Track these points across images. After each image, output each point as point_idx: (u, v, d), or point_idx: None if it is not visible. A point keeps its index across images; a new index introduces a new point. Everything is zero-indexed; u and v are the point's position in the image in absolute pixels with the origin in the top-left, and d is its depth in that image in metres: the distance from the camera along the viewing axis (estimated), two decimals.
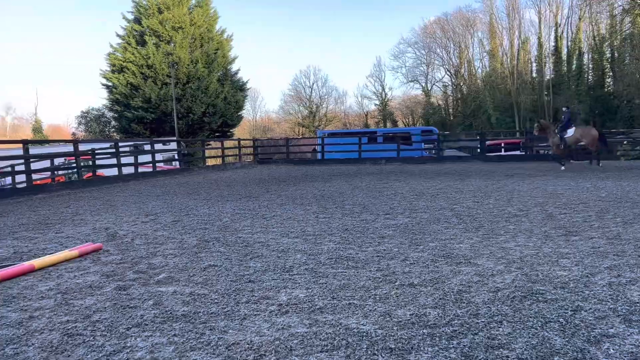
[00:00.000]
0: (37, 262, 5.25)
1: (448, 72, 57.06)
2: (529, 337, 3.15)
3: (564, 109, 19.11)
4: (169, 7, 31.85)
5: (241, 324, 3.54)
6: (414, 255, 5.37)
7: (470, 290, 4.14)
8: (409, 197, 10.53)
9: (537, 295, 3.94)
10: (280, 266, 5.11)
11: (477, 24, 54.75)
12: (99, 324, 3.62)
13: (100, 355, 3.10)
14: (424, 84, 57.77)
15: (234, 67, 35.72)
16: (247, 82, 36.31)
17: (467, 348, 3.02)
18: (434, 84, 57.96)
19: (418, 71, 57.91)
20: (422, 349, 3.04)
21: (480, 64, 55.48)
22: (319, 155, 28.76)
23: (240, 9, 73.39)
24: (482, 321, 3.45)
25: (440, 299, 3.94)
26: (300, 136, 49.13)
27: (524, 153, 25.42)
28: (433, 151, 27.24)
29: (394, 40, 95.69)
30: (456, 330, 3.30)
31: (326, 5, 75.91)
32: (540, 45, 50.87)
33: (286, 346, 3.14)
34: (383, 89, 59.64)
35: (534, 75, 51.96)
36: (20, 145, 14.46)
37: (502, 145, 30.17)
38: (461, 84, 55.92)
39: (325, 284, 4.45)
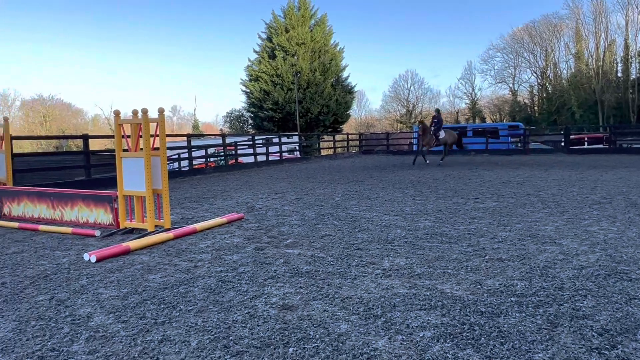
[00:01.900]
0: (198, 226, 5.70)
1: (534, 74, 52.71)
2: (613, 311, 2.87)
3: (434, 113, 17.42)
4: (294, 26, 32.64)
5: (352, 283, 3.59)
6: (502, 234, 5.09)
7: (556, 266, 3.84)
8: (497, 184, 9.96)
9: (621, 275, 3.56)
10: (383, 238, 5.10)
11: (563, 29, 49.84)
12: (244, 275, 3.86)
13: (245, 298, 3.31)
14: (511, 85, 53.91)
15: (344, 74, 35.78)
16: (354, 86, 36.23)
17: (552, 316, 2.82)
18: (520, 85, 53.84)
19: (506, 73, 54.09)
20: (510, 314, 2.89)
21: (566, 66, 50.57)
22: (415, 147, 28.09)
23: (351, 24, 73.32)
24: (567, 294, 3.19)
25: (526, 272, 3.71)
26: (399, 131, 48.25)
27: (607, 147, 22.86)
28: (519, 144, 25.43)
29: (483, 46, 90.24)
30: (542, 300, 3.09)
31: (420, 18, 73.41)
32: (626, 46, 45.18)
33: (390, 303, 3.14)
34: (473, 90, 56.61)
35: (619, 75, 46.38)
36: (185, 138, 15.84)
37: (586, 139, 27.38)
38: (546, 84, 51.41)
39: (422, 254, 4.36)
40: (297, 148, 24.15)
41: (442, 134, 16.33)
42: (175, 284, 3.68)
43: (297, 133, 27.02)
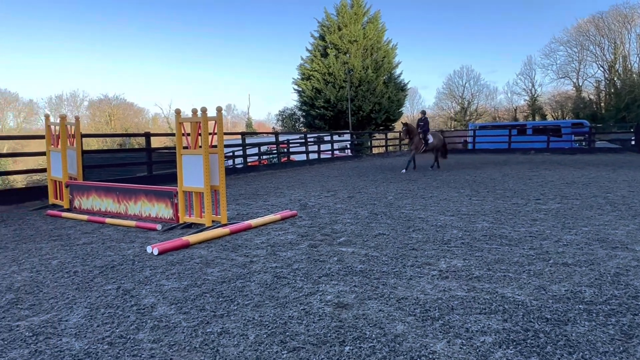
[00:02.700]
0: (253, 222, 5.82)
1: (601, 68, 49.49)
2: None
3: (420, 115, 15.00)
4: (346, 24, 32.58)
5: (408, 283, 3.53)
6: (567, 238, 4.82)
7: (629, 273, 3.59)
8: (559, 184, 9.46)
9: None
10: (439, 239, 4.98)
11: (635, 19, 46.49)
12: (298, 271, 3.90)
13: (300, 294, 3.34)
14: (575, 80, 50.95)
15: (397, 71, 35.28)
16: (407, 83, 35.64)
17: (626, 326, 2.64)
18: (585, 80, 50.75)
19: (569, 68, 51.12)
20: (578, 322, 2.72)
21: (637, 59, 47.17)
22: (469, 146, 27.26)
23: (405, 20, 72.10)
24: None
25: (596, 279, 3.49)
26: (453, 129, 46.99)
27: None
28: (583, 143, 24.03)
29: (544, 40, 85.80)
30: (614, 309, 2.89)
31: (476, 13, 70.92)
32: None
33: (448, 305, 3.05)
34: (533, 85, 54.04)
35: None
36: (239, 136, 16.23)
37: None
38: (615, 79, 48.16)
39: (481, 257, 4.22)
40: (349, 146, 24.10)
41: (430, 139, 14.36)
42: (233, 278, 3.77)
43: (348, 131, 26.98)
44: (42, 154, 9.51)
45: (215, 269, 4.05)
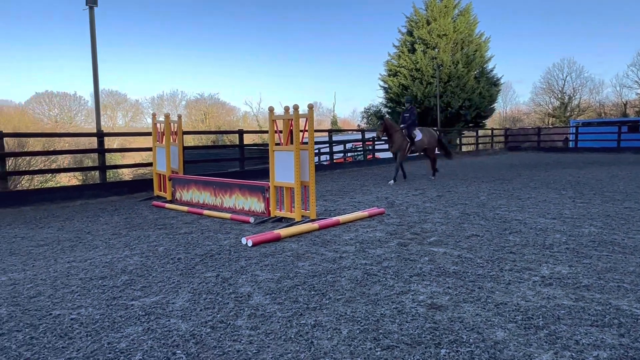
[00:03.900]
0: (341, 218, 5.87)
1: None
2: None
3: (407, 104, 11.42)
4: (435, 18, 31.61)
5: (507, 288, 3.34)
6: None
7: None
8: None
9: None
10: (539, 243, 4.66)
11: None
12: (388, 270, 3.86)
13: (392, 293, 3.30)
14: None
15: (489, 65, 33.53)
16: (500, 77, 33.75)
17: None
18: None
19: None
20: None
21: None
22: (571, 144, 25.16)
23: (499, 12, 68.30)
24: None
25: None
26: (551, 126, 43.70)
27: None
28: None
29: None
30: None
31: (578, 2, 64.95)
32: None
33: (553, 314, 2.84)
34: None
35: None
36: (326, 133, 16.49)
37: None
38: None
39: (589, 264, 3.87)
40: None
41: (418, 134, 10.96)
42: (323, 272, 3.83)
43: (436, 128, 26.23)
44: (147, 149, 10.38)
45: (306, 262, 4.14)
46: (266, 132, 16.63)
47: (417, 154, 11.86)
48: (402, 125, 10.88)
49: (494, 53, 39.52)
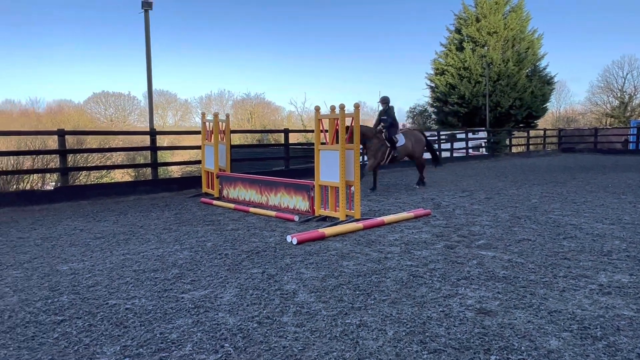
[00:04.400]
0: (386, 218, 5.82)
1: None
2: None
3: (382, 104, 9.44)
4: (485, 15, 30.72)
5: (561, 295, 3.20)
6: None
7: None
8: None
9: None
10: (596, 249, 4.43)
11: None
12: (435, 272, 3.79)
13: (439, 295, 3.24)
14: None
15: (542, 63, 32.19)
16: (554, 76, 32.34)
17: None
18: None
19: None
20: None
21: None
22: (631, 146, 23.75)
23: (553, 7, 65.35)
24: None
25: None
26: (610, 126, 41.41)
27: None
28: None
29: None
30: None
31: None
32: None
33: (612, 325, 2.69)
34: None
35: None
36: None
37: None
38: None
39: None
40: (484, 144, 22.73)
41: (400, 139, 9.35)
42: (368, 272, 3.81)
43: (484, 128, 25.47)
44: (196, 147, 10.70)
45: (350, 262, 4.13)
46: (311, 131, 16.77)
47: (400, 160, 9.89)
48: (378, 127, 9.20)
49: (547, 50, 37.93)
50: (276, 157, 13.05)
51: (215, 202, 7.77)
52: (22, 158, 19.00)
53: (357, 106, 5.86)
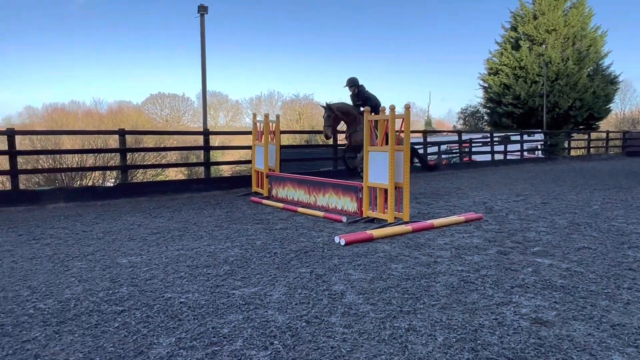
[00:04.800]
0: (435, 222, 5.72)
1: None
2: None
3: (350, 87, 8.24)
4: (543, 12, 29.42)
5: (625, 308, 3.02)
6: None
7: None
8: None
9: None
10: None
11: None
12: (487, 278, 3.68)
13: (491, 303, 3.14)
14: None
15: (605, 62, 30.44)
16: (618, 75, 30.48)
17: None
18: None
19: None
20: None
21: None
22: None
23: (618, 1, 61.62)
24: None
25: None
26: None
27: None
28: None
29: None
30: None
31: None
32: None
33: None
34: None
35: None
36: (420, 134, 16.20)
37: None
38: None
39: None
40: (540, 147, 21.78)
41: None
42: (417, 276, 3.76)
43: (540, 130, 24.42)
44: (245, 147, 10.94)
45: (399, 265, 4.09)
46: None
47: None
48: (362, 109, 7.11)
49: (611, 48, 35.85)
50: (324, 158, 13.11)
51: (264, 201, 7.92)
52: (85, 156, 20.18)
53: (407, 107, 5.79)
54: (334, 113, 7.89)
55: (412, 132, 16.93)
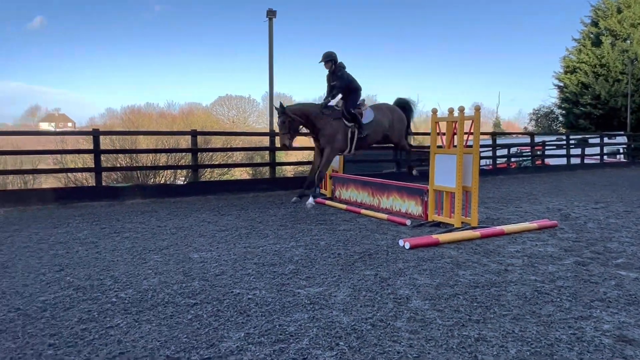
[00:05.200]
0: (506, 228, 5.48)
1: None
2: None
3: (326, 63, 6.98)
4: (629, 5, 27.23)
5: None
6: None
7: None
8: None
9: None
10: None
11: None
12: (563, 290, 3.47)
13: (568, 316, 2.96)
14: None
15: None
16: None
17: None
18: None
19: None
20: None
21: None
22: None
23: None
24: None
25: None
26: None
27: None
28: None
29: None
30: None
31: None
32: None
33: None
34: None
35: None
36: (488, 136, 15.58)
37: None
38: None
39: None
40: (622, 150, 20.19)
41: (368, 114, 7.11)
42: (486, 284, 3.62)
43: (623, 132, 22.64)
44: (308, 148, 11.07)
45: (466, 271, 3.96)
46: (422, 134, 16.33)
47: (371, 145, 7.21)
48: (325, 100, 6.69)
49: None
50: (387, 160, 12.98)
51: (327, 202, 7.98)
52: (159, 155, 21.38)
53: (477, 108, 5.59)
54: (289, 117, 6.59)
55: (482, 133, 16.34)
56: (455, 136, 5.82)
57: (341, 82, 6.68)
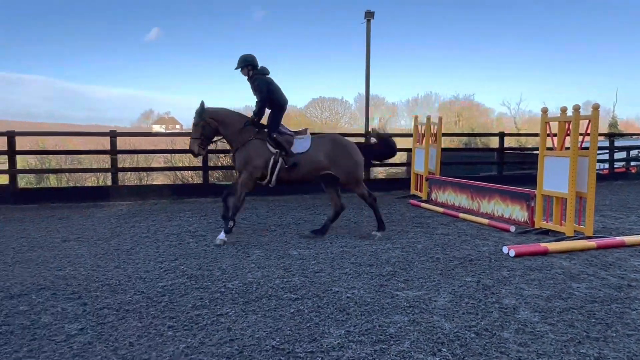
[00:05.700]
0: (627, 239, 4.95)
1: None
2: None
3: (242, 69, 5.19)
4: None
5: None
6: None
7: None
8: None
9: None
10: None
11: None
12: None
13: None
14: None
15: None
16: None
17: None
18: None
19: None
20: None
21: None
22: None
23: None
24: None
25: None
26: None
27: None
28: None
29: None
30: None
31: None
32: None
33: None
34: None
35: None
36: (604, 137, 14.23)
37: None
38: None
39: None
40: None
41: (303, 143, 5.47)
42: (605, 299, 3.31)
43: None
44: (402, 150, 10.90)
45: (581, 284, 3.65)
46: (527, 135, 15.42)
47: (307, 178, 5.79)
48: (247, 124, 5.41)
49: None
50: (486, 162, 12.37)
51: (423, 204, 7.81)
52: None
53: (595, 107, 5.12)
54: (203, 120, 5.37)
55: (602, 135, 14.89)
56: (568, 137, 5.39)
57: (260, 94, 5.39)
